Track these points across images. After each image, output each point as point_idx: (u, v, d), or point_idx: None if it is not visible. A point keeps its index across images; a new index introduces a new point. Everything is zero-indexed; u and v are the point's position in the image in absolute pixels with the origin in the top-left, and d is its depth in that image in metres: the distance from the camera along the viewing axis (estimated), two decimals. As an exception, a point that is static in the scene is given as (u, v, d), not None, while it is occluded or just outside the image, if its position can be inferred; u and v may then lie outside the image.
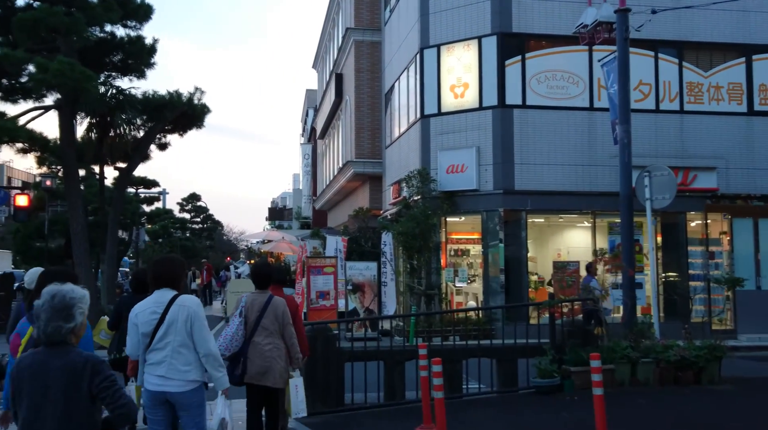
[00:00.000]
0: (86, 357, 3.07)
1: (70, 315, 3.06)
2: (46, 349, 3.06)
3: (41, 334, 3.06)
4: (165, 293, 4.51)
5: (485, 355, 8.77)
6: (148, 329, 4.42)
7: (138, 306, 4.56)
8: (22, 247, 21.47)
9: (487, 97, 15.59)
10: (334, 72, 26.72)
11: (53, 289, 3.12)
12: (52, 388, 2.99)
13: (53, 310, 3.03)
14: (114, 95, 16.01)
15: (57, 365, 3.00)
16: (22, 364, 3.09)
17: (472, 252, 18.37)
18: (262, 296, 5.85)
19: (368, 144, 22.83)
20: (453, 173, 15.83)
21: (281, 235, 25.49)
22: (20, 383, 3.05)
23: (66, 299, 3.06)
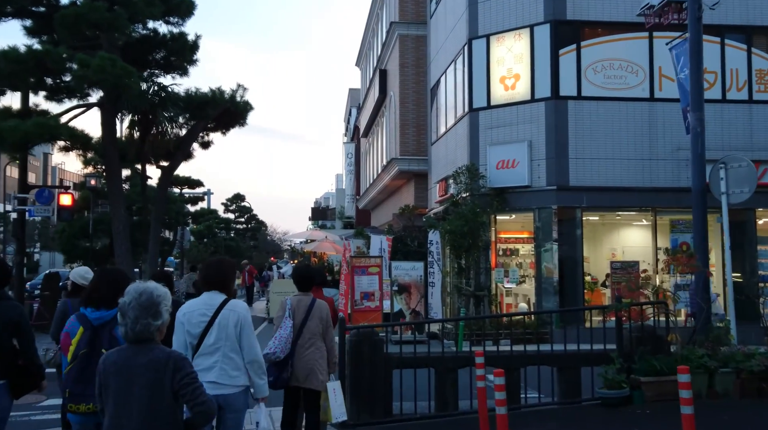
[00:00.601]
0: (169, 353, 3.10)
1: (157, 313, 3.10)
2: (132, 346, 3.09)
3: (129, 331, 3.08)
4: (215, 295, 4.45)
5: (545, 362, 8.07)
6: (196, 331, 4.35)
7: (186, 306, 4.50)
8: (68, 246, 21.56)
9: (540, 89, 14.81)
10: (378, 68, 26.20)
11: (139, 287, 3.14)
12: (137, 384, 3.02)
13: (141, 307, 3.06)
14: (156, 92, 15.78)
15: (142, 362, 3.04)
16: (108, 360, 3.13)
17: (521, 252, 17.60)
18: (306, 299, 5.86)
19: (413, 141, 22.23)
20: (503, 169, 15.10)
21: (324, 234, 25.06)
22: (106, 379, 3.09)
23: (153, 297, 3.09)
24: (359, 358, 7.58)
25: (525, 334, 13.91)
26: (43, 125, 13.09)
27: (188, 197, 34.36)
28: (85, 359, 4.05)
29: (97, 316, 4.15)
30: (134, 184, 23.79)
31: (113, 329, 4.07)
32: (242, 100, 18.96)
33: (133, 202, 22.86)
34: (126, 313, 3.09)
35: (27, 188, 17.13)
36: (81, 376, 4.04)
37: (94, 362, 3.82)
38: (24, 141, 13.11)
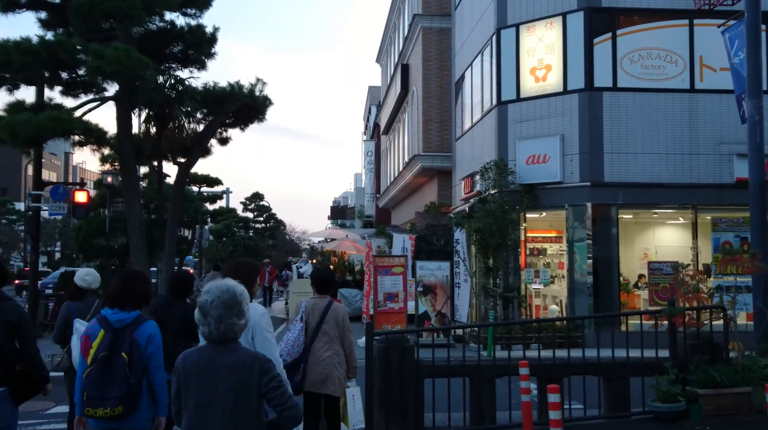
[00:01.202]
0: (254, 355, 3.02)
1: (240, 311, 3.02)
2: (214, 346, 2.99)
3: (213, 331, 2.97)
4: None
5: (591, 372, 7.37)
6: None
7: None
8: (84, 245, 21.14)
9: (573, 80, 14.08)
10: (400, 63, 25.56)
11: (221, 284, 3.04)
12: (221, 386, 2.93)
13: (225, 306, 2.97)
14: (173, 85, 15.28)
15: (226, 363, 2.95)
16: (189, 360, 3.03)
17: (549, 251, 16.90)
18: (322, 301, 5.76)
19: (436, 137, 21.57)
20: (534, 164, 14.39)
21: (345, 233, 24.47)
22: (188, 379, 3.00)
23: (236, 295, 3.00)
24: (388, 366, 6.95)
25: (557, 338, 13.29)
26: (56, 119, 12.60)
27: (207, 196, 33.98)
28: (104, 362, 3.94)
29: (118, 318, 4.04)
30: (151, 182, 23.38)
31: (134, 332, 4.01)
32: (261, 94, 18.41)
33: (150, 200, 22.45)
34: (208, 312, 2.98)
35: (42, 185, 16.73)
36: (100, 379, 3.92)
37: (113, 366, 3.87)
38: (36, 135, 12.64)
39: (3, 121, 12.93)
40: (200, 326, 3.06)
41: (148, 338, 4.06)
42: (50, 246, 55.19)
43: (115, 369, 3.91)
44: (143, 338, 4.04)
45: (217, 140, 19.86)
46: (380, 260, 14.71)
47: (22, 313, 4.56)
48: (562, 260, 16.72)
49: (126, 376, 3.91)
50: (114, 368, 3.91)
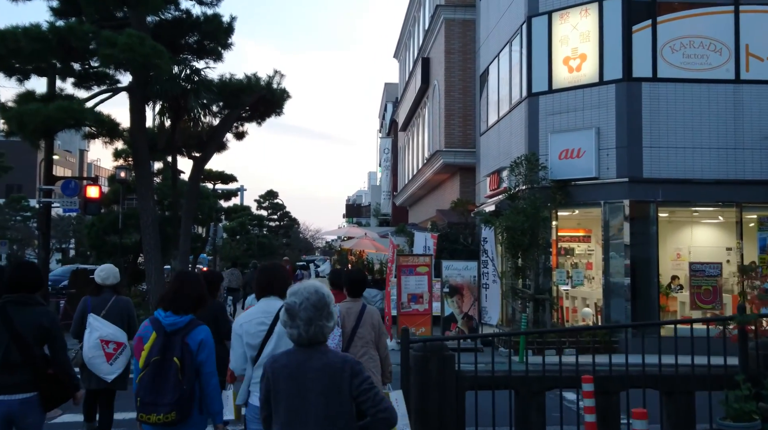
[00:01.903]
0: (343, 357, 2.97)
1: (330, 313, 2.97)
2: (303, 349, 2.93)
3: (302, 334, 2.91)
4: (272, 302, 4.19)
5: (651, 385, 6.63)
6: (255, 341, 4.07)
7: (243, 316, 4.24)
8: (97, 242, 20.63)
9: (610, 70, 13.30)
10: (420, 56, 24.85)
11: (309, 286, 2.98)
12: (312, 390, 2.87)
13: (314, 308, 2.91)
14: (188, 76, 14.66)
15: (316, 366, 2.89)
16: (277, 364, 2.97)
17: (576, 251, 16.14)
18: (356, 305, 5.59)
19: (459, 132, 20.84)
20: (567, 159, 13.64)
21: (363, 231, 23.79)
22: (277, 384, 2.94)
23: (324, 297, 2.95)
24: (426, 377, 6.26)
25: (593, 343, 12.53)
26: (67, 109, 12.00)
27: (221, 193, 33.44)
28: (156, 367, 3.84)
29: (171, 322, 3.94)
30: (165, 178, 22.84)
31: (186, 337, 3.91)
32: (279, 87, 17.77)
33: (164, 197, 21.90)
34: (297, 314, 2.92)
35: (53, 180, 16.16)
36: (152, 384, 3.83)
37: (165, 370, 3.78)
38: (46, 126, 12.05)
39: (11, 112, 12.36)
40: (287, 328, 2.95)
41: (200, 343, 3.95)
42: (64, 243, 54.95)
43: (168, 374, 3.82)
44: (195, 343, 3.93)
45: (233, 135, 19.24)
46: (404, 259, 14.03)
47: (54, 318, 4.48)
48: (590, 260, 15.98)
49: (178, 381, 3.81)
50: (166, 373, 3.82)
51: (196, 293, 4.10)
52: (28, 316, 4.31)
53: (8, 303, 4.30)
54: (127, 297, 6.71)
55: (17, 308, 4.30)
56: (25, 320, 4.28)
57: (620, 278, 13.05)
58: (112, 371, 6.01)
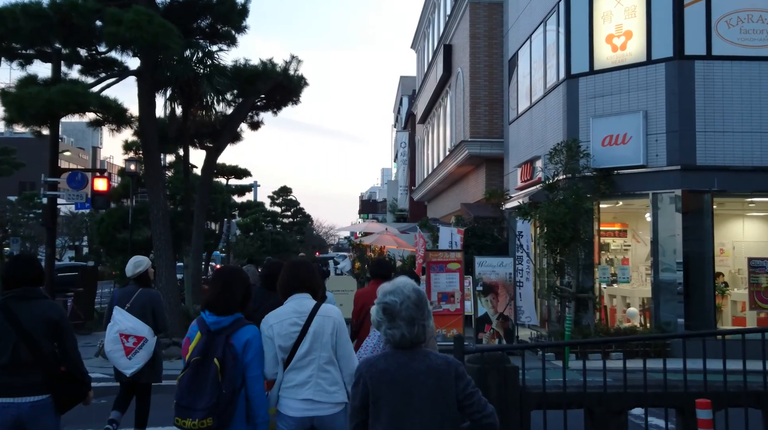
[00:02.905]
0: (445, 358, 2.80)
1: (428, 312, 2.84)
2: (402, 351, 2.77)
3: (405, 335, 2.75)
4: (303, 300, 3.94)
5: (752, 404, 5.55)
6: (287, 343, 3.82)
7: (272, 316, 3.91)
8: (106, 238, 19.75)
9: (659, 48, 12.19)
10: (442, 44, 23.75)
11: (407, 284, 2.85)
12: (416, 395, 2.70)
13: (416, 307, 2.76)
14: (201, 59, 13.69)
15: (419, 369, 2.72)
16: (376, 368, 2.78)
17: (612, 246, 15.08)
18: None
19: (485, 121, 19.74)
20: (611, 146, 12.54)
21: (384, 226, 22.77)
22: (377, 390, 2.75)
23: (423, 295, 2.83)
24: (484, 393, 5.21)
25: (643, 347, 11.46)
26: (69, 93, 11.05)
27: (234, 188, 32.56)
28: (196, 368, 3.57)
29: (214, 320, 3.66)
30: (177, 172, 21.93)
31: (231, 337, 3.63)
32: (296, 74, 16.81)
33: (176, 192, 21.01)
34: (398, 314, 2.75)
35: (58, 172, 15.24)
36: (190, 387, 3.56)
37: (205, 372, 3.53)
38: (47, 111, 11.11)
39: (10, 97, 11.43)
40: (386, 329, 2.80)
41: (245, 343, 3.65)
42: (77, 241, 54.38)
43: (206, 377, 3.53)
44: (240, 344, 3.63)
45: (247, 124, 18.32)
46: (434, 255, 12.98)
47: (62, 311, 4.19)
48: (626, 256, 14.90)
49: (217, 384, 3.50)
50: (205, 376, 3.54)
51: (240, 293, 3.79)
52: (34, 310, 4.00)
53: (10, 299, 3.99)
54: (155, 290, 6.45)
55: (21, 303, 4.00)
56: (32, 315, 3.98)
57: (671, 276, 11.95)
58: (130, 365, 5.86)
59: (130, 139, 20.88)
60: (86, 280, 17.29)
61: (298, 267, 4.07)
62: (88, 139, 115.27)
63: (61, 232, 55.20)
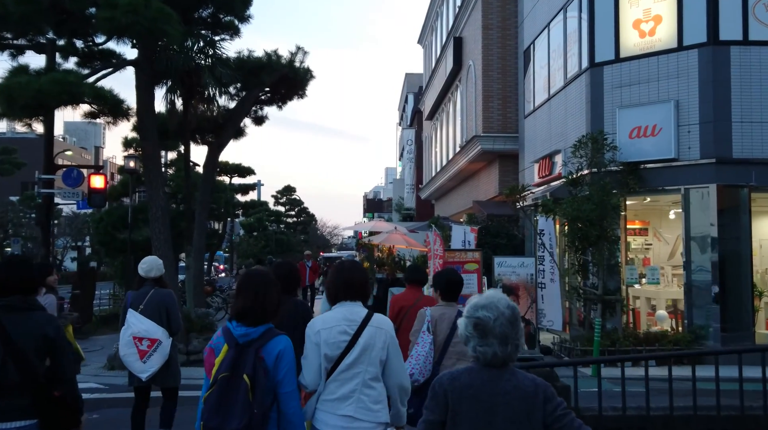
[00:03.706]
0: (533, 379, 2.64)
1: (521, 329, 2.66)
2: (488, 368, 2.60)
3: (497, 353, 2.56)
4: (355, 308, 3.58)
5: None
6: (334, 353, 3.46)
7: (320, 322, 3.54)
8: (105, 238, 19.03)
9: (691, 33, 11.41)
10: (452, 37, 22.97)
11: (500, 298, 2.65)
12: (499, 415, 2.57)
13: (511, 325, 2.59)
14: (202, 48, 12.94)
15: (505, 388, 2.58)
16: (458, 382, 2.65)
17: (633, 245, 14.30)
18: (450, 310, 4.79)
19: (498, 116, 18.97)
20: (639, 138, 11.76)
21: (393, 225, 21.97)
22: (458, 405, 2.63)
23: (517, 310, 2.67)
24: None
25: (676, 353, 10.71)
26: (61, 82, 10.31)
27: (238, 186, 31.87)
28: (224, 385, 3.14)
29: (242, 332, 3.23)
30: (179, 169, 21.21)
31: (261, 349, 3.20)
32: (302, 66, 16.08)
33: (178, 190, 20.29)
34: (491, 331, 2.58)
35: (53, 168, 14.51)
36: (219, 406, 3.14)
37: (233, 389, 3.16)
38: (38, 101, 10.36)
39: (-1, 86, 10.70)
40: (476, 346, 2.61)
41: (277, 356, 3.27)
42: (80, 241, 53.76)
43: (236, 395, 3.17)
44: (271, 357, 3.26)
45: (251, 119, 17.60)
46: (450, 255, 12.21)
47: (59, 327, 3.65)
48: (648, 255, 14.13)
49: (248, 404, 3.13)
50: (235, 393, 3.17)
51: (270, 300, 3.35)
52: (27, 324, 3.51)
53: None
54: (169, 289, 6.13)
55: (12, 315, 3.50)
56: (24, 329, 3.49)
57: (705, 276, 11.15)
58: (145, 369, 5.69)
59: (129, 135, 20.21)
60: (84, 282, 16.55)
61: (352, 271, 3.70)
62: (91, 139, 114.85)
63: (63, 232, 54.67)
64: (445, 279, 4.89)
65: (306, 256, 20.94)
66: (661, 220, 14.27)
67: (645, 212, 14.10)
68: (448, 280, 4.87)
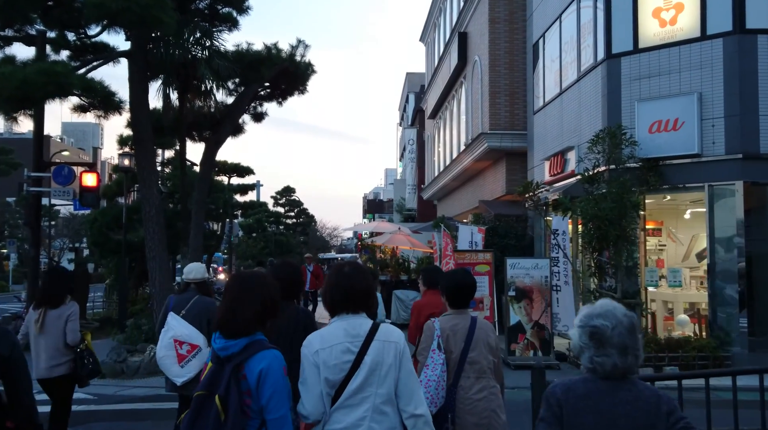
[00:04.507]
0: (655, 391, 2.49)
1: (641, 340, 2.49)
2: (605, 380, 2.43)
3: (617, 364, 2.39)
4: (358, 321, 2.98)
5: None
6: (337, 376, 2.89)
7: (318, 339, 2.96)
8: (99, 238, 18.39)
9: (715, 21, 10.80)
10: (456, 32, 22.37)
11: (617, 306, 2.48)
12: (621, 427, 2.42)
13: (630, 334, 2.42)
14: (198, 40, 12.34)
15: (626, 399, 2.43)
16: (573, 393, 2.48)
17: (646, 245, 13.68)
18: (463, 320, 4.06)
19: (505, 112, 18.35)
20: (659, 133, 11.15)
21: (396, 226, 21.36)
22: (575, 417, 2.47)
23: (635, 321, 2.50)
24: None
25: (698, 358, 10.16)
26: (48, 72, 9.67)
27: (237, 187, 31.23)
28: (198, 406, 2.70)
29: (222, 345, 2.76)
30: (176, 168, 20.59)
31: (242, 366, 2.71)
32: (303, 60, 15.48)
33: (175, 190, 19.67)
34: (608, 340, 2.41)
35: (43, 166, 13.91)
36: (192, 428, 2.70)
37: (207, 410, 2.69)
38: (23, 93, 9.71)
39: (-19, 77, 10.07)
40: (593, 356, 2.41)
41: (259, 375, 2.69)
42: (77, 242, 53.19)
43: (208, 419, 2.65)
44: (253, 375, 2.69)
45: (250, 116, 16.99)
46: (460, 257, 11.62)
47: (15, 342, 3.24)
48: (661, 256, 13.52)
49: (219, 428, 2.60)
50: (206, 417, 2.65)
51: (254, 308, 2.84)
52: None
53: None
54: (213, 298, 6.02)
55: None
56: None
57: (731, 279, 10.53)
58: (182, 373, 5.54)
59: (125, 133, 19.59)
60: (76, 285, 15.88)
61: (353, 277, 3.05)
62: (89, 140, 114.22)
63: (61, 233, 54.07)
64: (454, 283, 4.14)
65: (307, 258, 19.47)
66: (678, 220, 13.68)
67: (659, 212, 13.51)
68: (457, 284, 4.13)
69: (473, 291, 4.18)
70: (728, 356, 10.23)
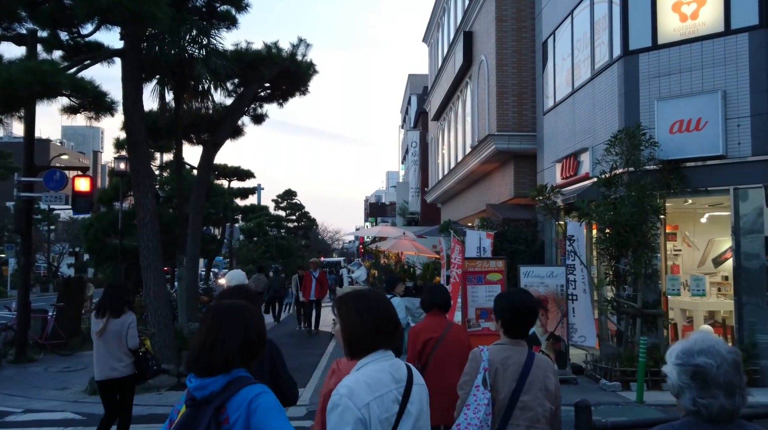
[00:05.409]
0: None
1: (744, 375, 2.18)
2: (710, 423, 2.12)
3: (725, 406, 2.08)
4: (394, 360, 2.44)
5: None
6: None
7: (365, 388, 2.30)
8: (95, 244, 17.85)
9: (740, 15, 10.23)
10: (461, 31, 21.81)
11: (716, 341, 2.17)
12: None
13: (736, 371, 2.13)
14: (195, 37, 11.79)
15: None
16: None
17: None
18: (518, 353, 3.28)
19: (513, 113, 17.77)
20: (680, 133, 10.56)
21: (401, 230, 20.77)
22: None
23: (740, 356, 2.20)
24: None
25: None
26: (35, 71, 9.13)
27: (237, 190, 30.69)
28: None
29: (198, 384, 2.29)
30: (173, 172, 20.06)
31: (223, 408, 2.23)
32: (304, 59, 14.96)
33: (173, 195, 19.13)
34: (714, 380, 2.10)
35: (35, 170, 13.35)
36: None
37: None
38: (8, 93, 9.18)
39: (-35, 77, 9.52)
40: (696, 398, 2.10)
41: (248, 410, 2.23)
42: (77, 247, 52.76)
43: None
44: (239, 415, 2.23)
45: (250, 117, 16.46)
46: (471, 264, 11.01)
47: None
48: (677, 262, 12.94)
49: None
50: None
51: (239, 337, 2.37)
52: None
53: None
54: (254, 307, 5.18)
55: None
56: None
57: (759, 287, 9.94)
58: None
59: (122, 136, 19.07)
60: (70, 293, 15.33)
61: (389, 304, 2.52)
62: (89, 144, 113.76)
63: (60, 237, 53.55)
64: (510, 305, 3.35)
65: (312, 264, 18.07)
66: (694, 224, 13.10)
67: (674, 216, 12.92)
68: (515, 307, 3.34)
69: (534, 317, 3.45)
70: (756, 370, 9.64)
